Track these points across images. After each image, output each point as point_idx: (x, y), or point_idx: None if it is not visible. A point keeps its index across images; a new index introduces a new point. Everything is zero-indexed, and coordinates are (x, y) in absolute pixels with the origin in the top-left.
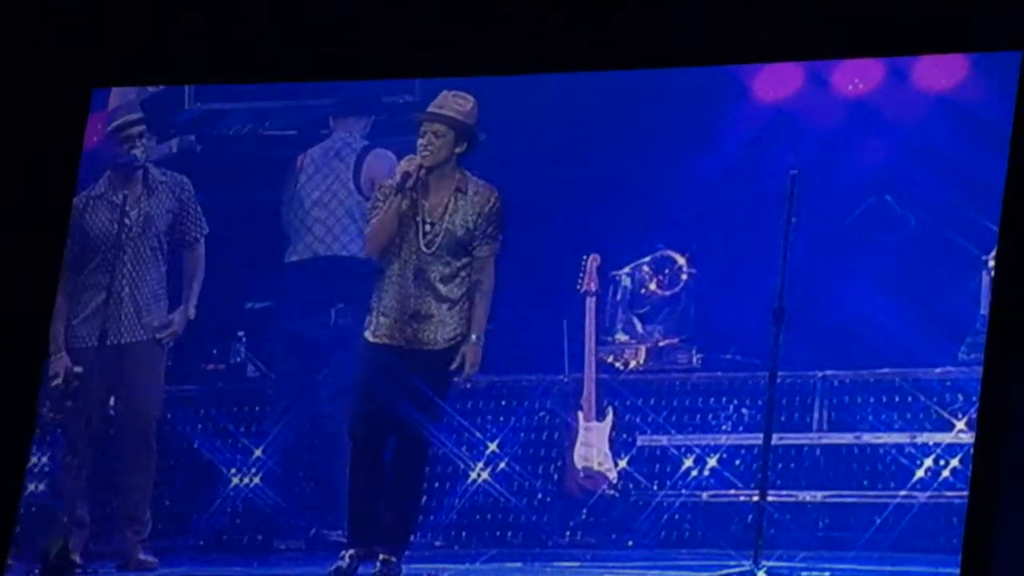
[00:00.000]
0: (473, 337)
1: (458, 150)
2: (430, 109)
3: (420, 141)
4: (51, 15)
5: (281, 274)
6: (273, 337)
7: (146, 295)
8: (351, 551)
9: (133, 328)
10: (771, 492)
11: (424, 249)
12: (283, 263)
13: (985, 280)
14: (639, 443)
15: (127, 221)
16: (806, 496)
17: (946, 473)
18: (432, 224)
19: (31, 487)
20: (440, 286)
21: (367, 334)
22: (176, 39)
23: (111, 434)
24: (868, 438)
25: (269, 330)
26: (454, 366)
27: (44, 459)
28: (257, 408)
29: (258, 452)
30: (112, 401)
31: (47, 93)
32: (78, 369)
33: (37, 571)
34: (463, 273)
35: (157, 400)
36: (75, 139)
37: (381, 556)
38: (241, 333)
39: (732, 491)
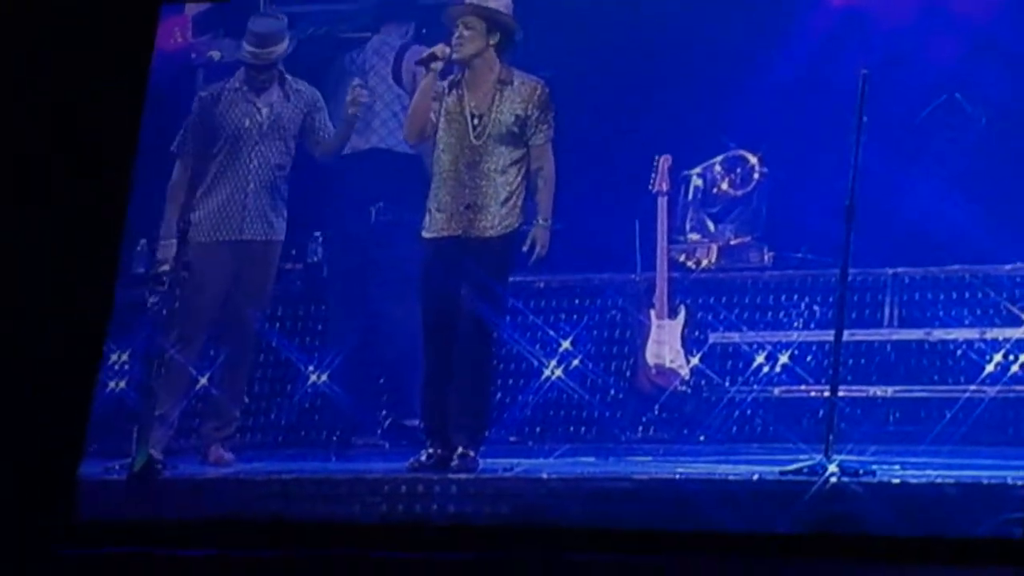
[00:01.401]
0: (541, 220)
1: (492, 41)
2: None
3: (453, 38)
4: None
5: (337, 171)
6: (331, 236)
7: (271, 198)
8: (429, 449)
9: (257, 227)
10: (842, 387)
11: (474, 140)
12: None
13: None
14: (711, 340)
15: (259, 119)
16: (877, 391)
17: (1015, 368)
18: (480, 116)
19: (111, 384)
20: (496, 176)
21: (424, 232)
22: None
23: (209, 330)
24: (938, 334)
25: (330, 229)
26: (525, 247)
27: (124, 356)
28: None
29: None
30: (221, 297)
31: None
32: (188, 261)
33: (117, 467)
34: (519, 163)
35: (266, 298)
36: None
37: (460, 449)
38: (318, 233)
39: (803, 387)
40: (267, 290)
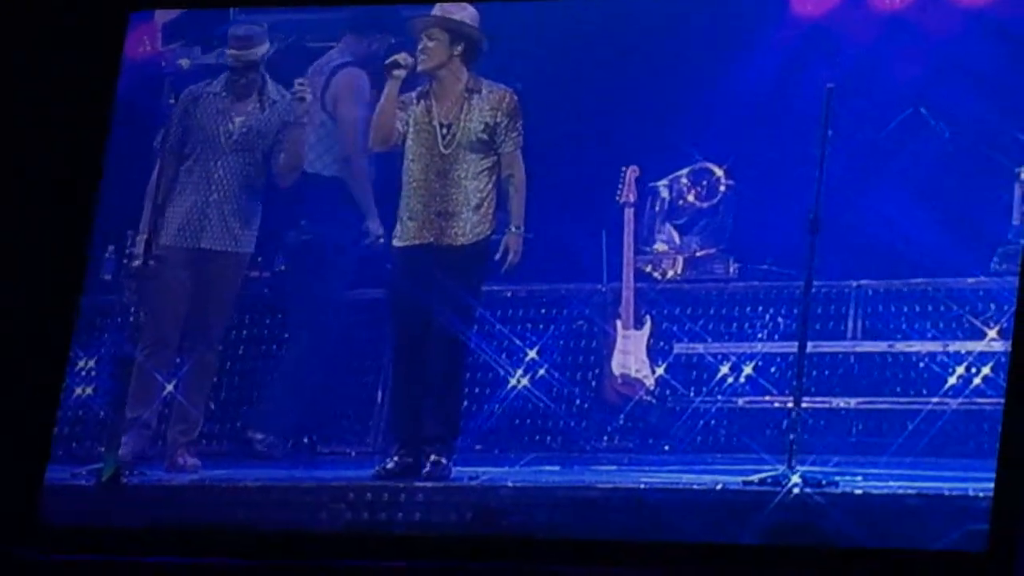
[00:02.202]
0: (513, 227)
1: (456, 52)
2: (434, 11)
3: (417, 50)
4: None
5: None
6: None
7: (237, 209)
8: (395, 457)
9: (219, 237)
10: (805, 399)
11: (443, 150)
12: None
13: (1018, 192)
14: (676, 351)
15: (230, 128)
16: (840, 403)
17: (978, 380)
18: (449, 126)
19: (77, 391)
20: (467, 183)
21: (395, 241)
22: None
23: (176, 337)
24: (901, 346)
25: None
26: (498, 255)
27: (91, 362)
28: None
29: (301, 357)
30: (184, 302)
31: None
32: (153, 261)
33: (84, 473)
34: (489, 171)
35: (228, 311)
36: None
37: (432, 457)
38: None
39: (767, 397)
40: (229, 301)
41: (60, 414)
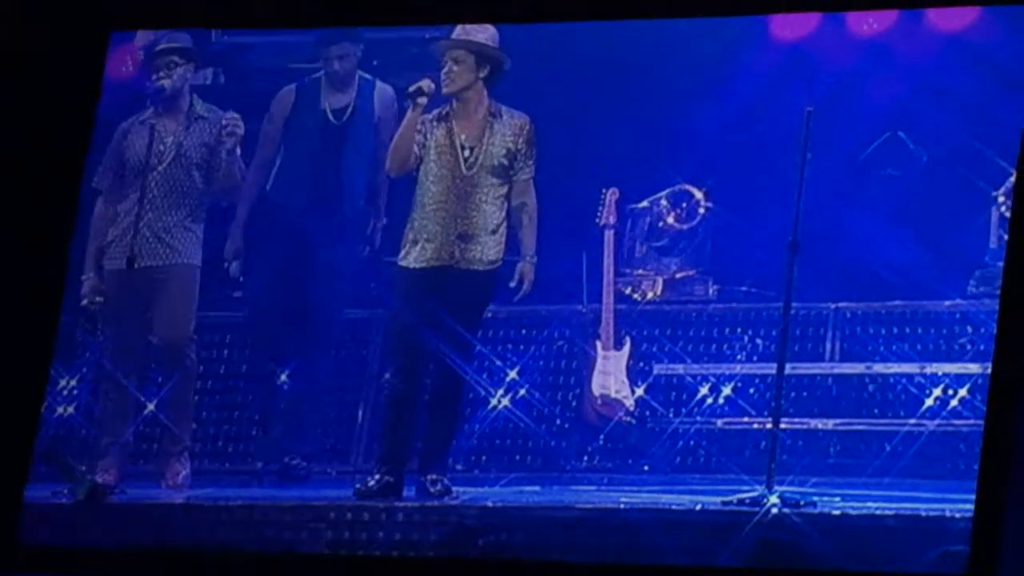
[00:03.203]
0: (528, 257)
1: (482, 74)
2: (454, 35)
3: (442, 72)
4: None
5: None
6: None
7: (172, 223)
8: (377, 475)
9: (158, 252)
10: (784, 420)
11: (466, 171)
12: None
13: (995, 215)
14: (655, 372)
15: (160, 147)
16: (818, 424)
17: (954, 402)
18: (471, 148)
19: (59, 410)
20: (485, 207)
21: (405, 262)
22: None
23: (147, 357)
24: (879, 368)
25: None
26: (513, 283)
27: (72, 382)
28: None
29: (284, 377)
30: (144, 323)
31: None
32: (104, 293)
33: (65, 491)
34: (504, 198)
35: (187, 323)
36: (95, 75)
37: (430, 476)
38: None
39: (746, 419)
40: (186, 313)
41: (42, 433)
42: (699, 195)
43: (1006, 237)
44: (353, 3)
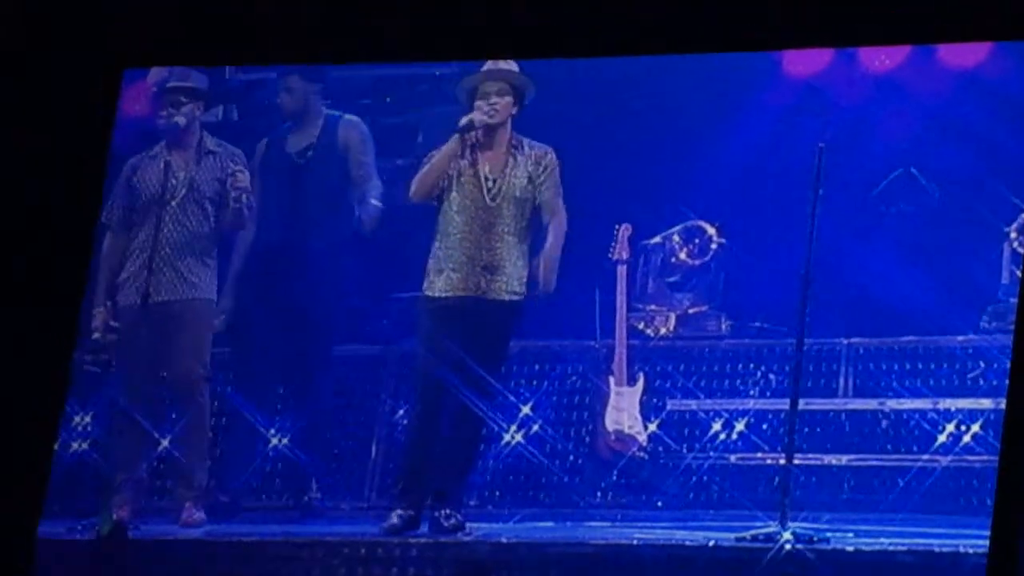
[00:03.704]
0: (547, 257)
1: (514, 111)
2: (484, 69)
3: (479, 104)
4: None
5: None
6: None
7: (189, 257)
8: (399, 511)
9: (175, 287)
10: (797, 455)
11: (489, 203)
12: None
13: (1007, 251)
14: (669, 407)
15: (173, 183)
16: (831, 459)
17: (967, 438)
18: (494, 180)
19: (74, 445)
20: (508, 238)
21: (431, 291)
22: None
23: (160, 393)
24: (892, 404)
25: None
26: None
27: (87, 418)
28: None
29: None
30: (158, 358)
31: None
32: (115, 324)
33: (80, 528)
34: (527, 229)
35: (203, 357)
36: (109, 110)
37: (444, 511)
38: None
39: (759, 454)
40: (201, 348)
41: (57, 469)
42: (711, 231)
43: (1018, 272)
44: (366, 40)
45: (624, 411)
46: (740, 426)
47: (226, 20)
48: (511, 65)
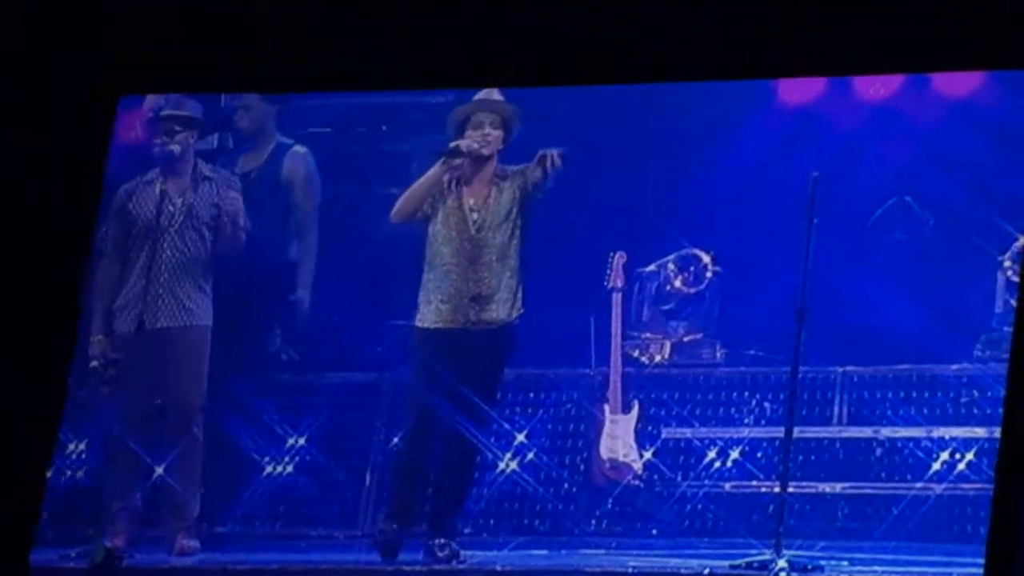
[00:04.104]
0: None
1: (502, 145)
2: (479, 97)
3: (471, 133)
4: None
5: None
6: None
7: (187, 284)
8: (393, 539)
9: (174, 314)
10: (792, 483)
11: (475, 234)
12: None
13: (1001, 279)
14: (664, 435)
15: (170, 209)
16: (826, 488)
17: (961, 466)
18: (479, 212)
19: (68, 473)
20: (495, 266)
21: (422, 323)
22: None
23: (156, 421)
24: (886, 432)
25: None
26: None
27: (81, 445)
28: (290, 398)
29: (292, 441)
30: (155, 386)
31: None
32: (115, 355)
33: (74, 555)
34: (516, 248)
35: (200, 385)
36: (103, 138)
37: (438, 541)
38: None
39: (754, 482)
40: (200, 375)
41: (50, 496)
42: (706, 259)
43: (1012, 301)
44: (361, 68)
45: (619, 439)
46: (735, 454)
47: (224, 45)
48: (500, 96)
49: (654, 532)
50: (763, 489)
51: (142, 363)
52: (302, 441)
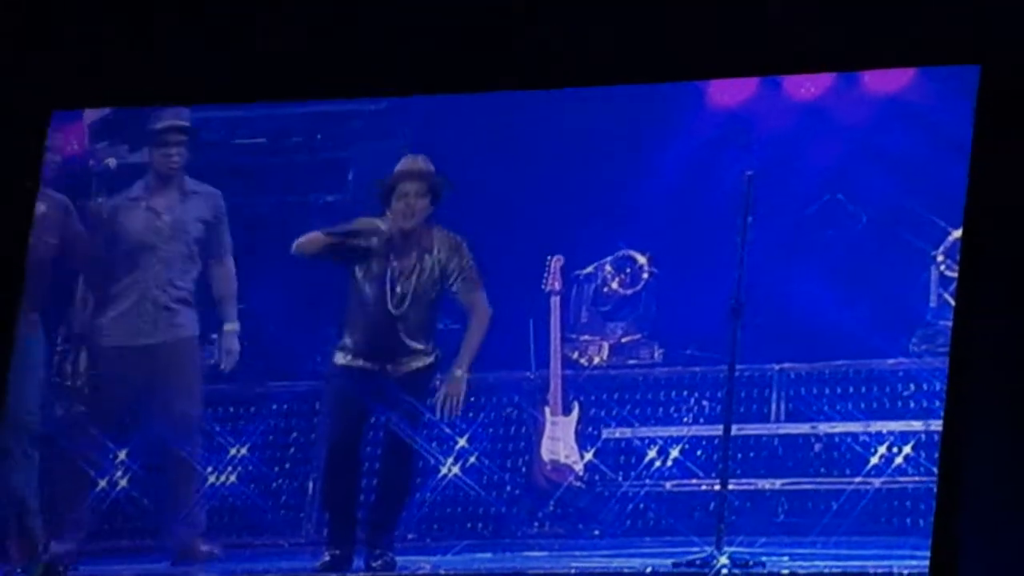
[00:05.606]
0: (457, 370)
1: (430, 211)
2: (402, 168)
3: (396, 205)
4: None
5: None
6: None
7: (177, 298)
8: (334, 549)
9: (164, 328)
10: (732, 481)
11: (392, 311)
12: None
13: (934, 274)
14: (604, 436)
15: (159, 224)
16: (765, 484)
17: (899, 460)
18: (400, 287)
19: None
20: (408, 341)
21: (339, 356)
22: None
23: (146, 433)
24: (824, 428)
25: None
26: (438, 402)
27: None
28: (231, 408)
29: (233, 451)
30: (143, 399)
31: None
32: (98, 370)
33: (19, 571)
34: (433, 321)
35: (194, 398)
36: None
37: (377, 550)
38: (214, 335)
39: (694, 480)
40: (194, 385)
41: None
42: (643, 260)
43: (946, 296)
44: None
45: (560, 441)
46: (675, 453)
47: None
48: (427, 163)
49: (596, 532)
50: (703, 487)
51: (134, 376)
52: (244, 451)
